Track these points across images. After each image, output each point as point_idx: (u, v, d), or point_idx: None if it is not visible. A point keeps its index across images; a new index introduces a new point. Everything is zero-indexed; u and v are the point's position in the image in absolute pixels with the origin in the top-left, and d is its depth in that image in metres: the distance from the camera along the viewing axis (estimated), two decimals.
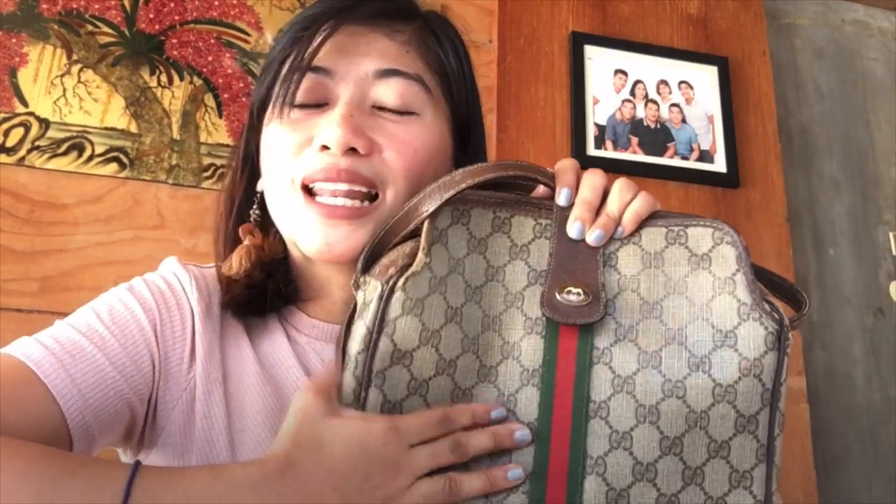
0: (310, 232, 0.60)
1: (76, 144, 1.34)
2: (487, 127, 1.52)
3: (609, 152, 1.58)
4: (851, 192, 1.83)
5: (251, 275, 0.65)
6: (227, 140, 1.41)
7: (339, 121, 0.59)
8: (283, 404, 0.62)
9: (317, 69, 0.62)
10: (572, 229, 0.54)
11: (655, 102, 1.65)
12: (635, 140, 1.61)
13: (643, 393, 0.50)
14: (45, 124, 1.33)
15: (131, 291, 0.63)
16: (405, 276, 0.51)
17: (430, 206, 0.53)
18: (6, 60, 1.35)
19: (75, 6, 1.41)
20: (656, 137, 1.63)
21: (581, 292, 0.52)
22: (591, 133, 1.59)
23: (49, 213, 1.29)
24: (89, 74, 1.38)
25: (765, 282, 0.56)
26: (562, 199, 0.55)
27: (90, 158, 1.34)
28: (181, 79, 1.42)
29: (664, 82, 1.67)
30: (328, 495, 0.46)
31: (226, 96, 1.43)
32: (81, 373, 0.56)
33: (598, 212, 0.55)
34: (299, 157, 0.61)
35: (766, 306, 0.51)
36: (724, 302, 0.52)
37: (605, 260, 0.54)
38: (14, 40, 1.36)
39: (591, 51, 1.64)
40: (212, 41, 1.46)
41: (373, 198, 0.61)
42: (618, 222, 0.55)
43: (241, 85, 1.45)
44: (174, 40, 1.44)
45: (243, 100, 1.44)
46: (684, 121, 1.65)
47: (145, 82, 1.41)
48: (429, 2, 0.71)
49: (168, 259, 0.69)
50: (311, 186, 0.61)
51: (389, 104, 0.62)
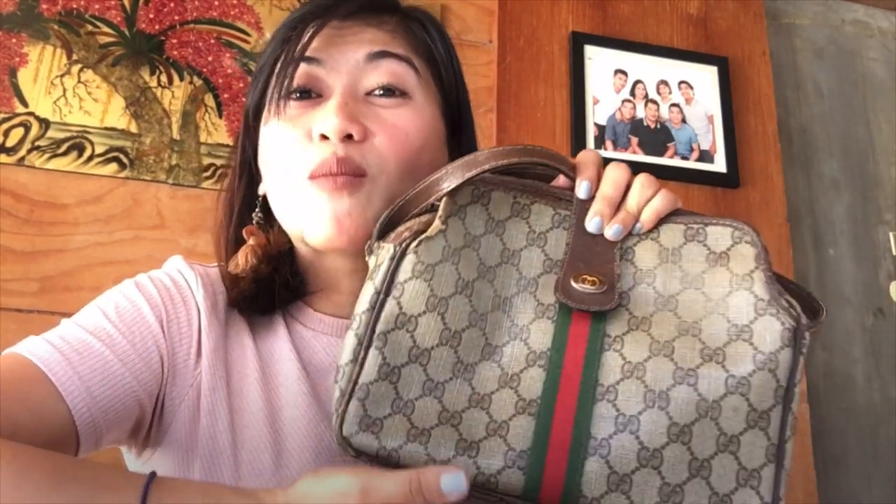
0: (317, 213, 0.61)
1: (76, 144, 1.34)
2: (487, 127, 1.53)
3: (609, 152, 1.58)
4: (851, 192, 1.83)
5: (258, 269, 0.66)
6: (227, 140, 1.41)
7: (335, 110, 0.61)
8: (278, 397, 0.62)
9: (309, 59, 0.64)
10: (591, 224, 0.54)
11: (655, 102, 1.65)
12: (635, 140, 1.61)
13: (653, 379, 0.49)
14: (45, 124, 1.33)
15: (138, 288, 0.64)
16: (419, 239, 0.51)
17: (452, 183, 0.53)
18: (6, 60, 1.35)
19: (75, 6, 1.41)
20: (656, 137, 1.63)
21: (596, 281, 0.52)
22: (590, 133, 1.59)
23: (49, 213, 1.29)
24: (89, 74, 1.38)
25: (784, 289, 0.54)
26: (582, 191, 0.55)
27: (90, 158, 1.34)
28: (181, 79, 1.42)
29: (664, 82, 1.67)
30: None
31: (226, 96, 1.43)
32: (90, 370, 0.56)
33: (618, 207, 0.55)
34: (300, 151, 0.62)
35: (784, 303, 0.50)
36: (741, 297, 0.51)
37: (622, 254, 0.54)
38: (14, 40, 1.36)
39: (591, 51, 1.64)
40: (212, 41, 1.46)
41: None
42: (637, 218, 0.55)
43: (241, 85, 1.45)
44: (174, 40, 1.44)
45: (243, 100, 1.43)
46: (684, 121, 1.65)
47: (145, 82, 1.41)
48: (429, 2, 0.71)
49: (173, 258, 0.69)
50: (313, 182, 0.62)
51: (382, 85, 0.64)
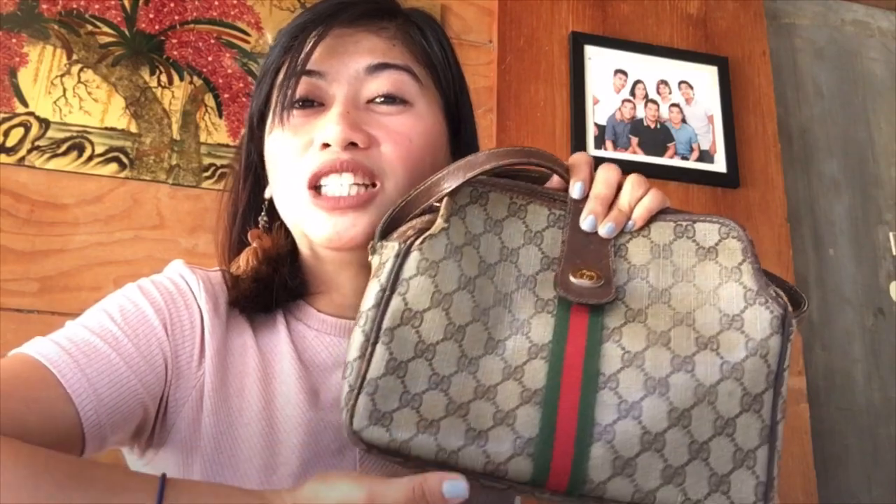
0: (319, 224, 0.62)
1: (76, 144, 1.34)
2: (487, 127, 1.53)
3: (609, 152, 1.58)
4: (851, 192, 1.83)
5: (258, 270, 0.67)
6: (227, 140, 1.41)
7: (336, 119, 0.62)
8: (277, 395, 0.63)
9: (310, 72, 0.65)
10: (585, 222, 0.56)
11: (655, 102, 1.65)
12: (635, 140, 1.61)
13: (652, 367, 0.51)
14: (45, 124, 1.33)
15: (141, 292, 0.64)
16: (423, 237, 0.53)
17: (452, 184, 0.55)
18: (6, 60, 1.35)
19: (75, 6, 1.41)
20: (656, 137, 1.63)
21: (594, 276, 0.54)
22: (591, 133, 1.59)
23: (49, 213, 1.29)
24: (89, 74, 1.38)
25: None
26: (576, 192, 0.57)
27: (90, 158, 1.34)
28: (181, 79, 1.42)
29: (664, 82, 1.67)
30: None
31: (226, 96, 1.43)
32: (97, 373, 0.56)
33: (610, 206, 0.57)
34: (303, 159, 0.63)
35: (772, 292, 0.53)
36: (731, 289, 0.54)
37: (615, 250, 0.57)
38: (14, 40, 1.36)
39: (590, 51, 1.64)
40: (212, 41, 1.46)
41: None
42: (629, 216, 0.57)
43: (241, 85, 1.45)
44: (174, 40, 1.44)
45: (243, 100, 1.44)
46: (684, 121, 1.65)
47: (145, 82, 1.41)
48: (429, 2, 0.71)
49: (174, 262, 0.70)
50: (320, 185, 0.63)
51: (383, 96, 0.65)
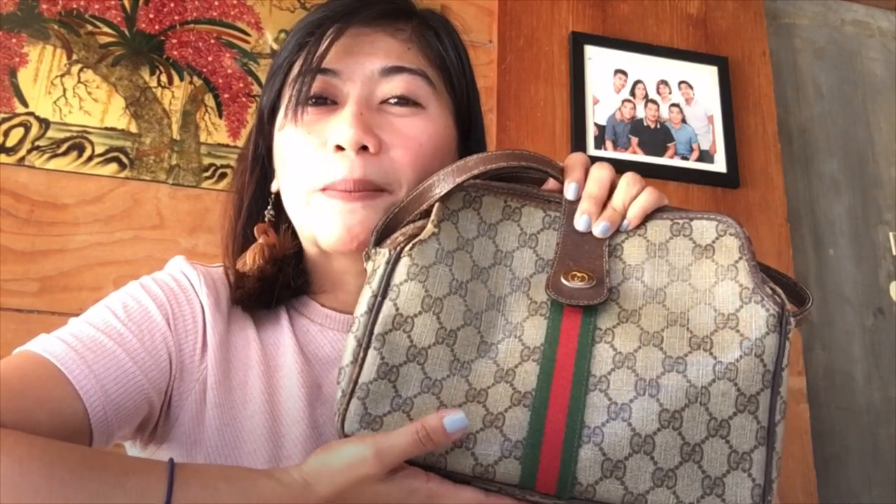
0: (329, 222, 0.62)
1: (76, 144, 1.34)
2: (487, 127, 1.53)
3: (609, 152, 1.58)
4: (851, 192, 1.83)
5: (263, 270, 0.67)
6: (227, 140, 1.41)
7: (350, 120, 0.61)
8: (280, 389, 0.64)
9: (325, 71, 0.64)
10: (579, 222, 0.56)
11: (655, 102, 1.65)
12: (635, 140, 1.61)
13: (644, 368, 0.51)
14: (45, 124, 1.33)
15: (143, 288, 0.65)
16: (412, 243, 0.54)
17: (443, 189, 0.56)
18: (6, 60, 1.35)
19: (75, 6, 1.41)
20: (656, 137, 1.63)
21: (585, 277, 0.54)
22: (591, 133, 1.59)
23: (49, 213, 1.29)
24: (89, 74, 1.38)
25: (768, 278, 0.57)
26: (570, 193, 0.57)
27: (90, 158, 1.34)
28: (181, 79, 1.42)
29: (664, 82, 1.67)
30: None
31: (226, 96, 1.43)
32: (104, 369, 0.56)
33: (605, 205, 0.57)
34: (316, 160, 0.63)
35: (768, 290, 0.52)
36: (727, 287, 0.53)
37: (610, 251, 0.56)
38: (14, 40, 1.36)
39: (590, 51, 1.64)
40: (212, 41, 1.46)
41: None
42: (623, 215, 0.57)
43: (241, 85, 1.45)
44: (174, 40, 1.44)
45: (243, 100, 1.44)
46: (684, 121, 1.65)
47: (145, 82, 1.41)
48: (429, 2, 0.71)
49: (175, 258, 0.71)
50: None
51: (396, 98, 0.65)
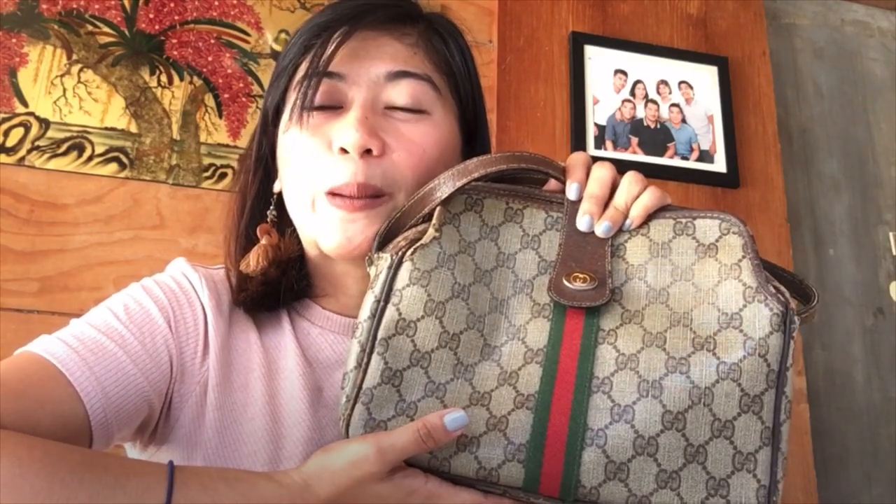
0: (330, 229, 0.62)
1: (76, 144, 1.34)
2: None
3: (609, 152, 1.58)
4: (851, 192, 1.83)
5: (267, 272, 0.67)
6: (227, 140, 1.41)
7: (355, 124, 0.61)
8: (281, 391, 0.64)
9: (331, 74, 0.64)
10: (581, 222, 0.56)
11: (655, 102, 1.65)
12: (635, 140, 1.61)
13: (647, 369, 0.50)
14: (45, 124, 1.33)
15: (144, 291, 0.65)
16: (414, 247, 0.54)
17: (444, 193, 0.56)
18: (6, 60, 1.35)
19: (75, 6, 1.41)
20: (656, 137, 1.63)
21: (587, 278, 0.54)
22: (591, 133, 1.59)
23: (49, 213, 1.29)
24: (89, 74, 1.38)
25: (773, 276, 0.56)
26: (572, 193, 0.57)
27: (90, 158, 1.34)
28: (181, 79, 1.42)
29: (664, 82, 1.67)
30: None
31: (226, 96, 1.43)
32: (105, 371, 0.56)
33: (607, 205, 0.57)
34: (320, 163, 0.63)
35: (772, 289, 0.52)
36: (730, 286, 0.52)
37: (613, 251, 0.56)
38: (14, 40, 1.36)
39: (590, 51, 1.64)
40: (212, 41, 1.46)
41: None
42: (625, 215, 0.57)
43: (241, 85, 1.45)
44: (174, 40, 1.44)
45: (243, 100, 1.44)
46: (684, 121, 1.65)
47: (145, 82, 1.41)
48: (429, 2, 0.71)
49: (176, 260, 0.71)
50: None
51: (401, 104, 0.65)
